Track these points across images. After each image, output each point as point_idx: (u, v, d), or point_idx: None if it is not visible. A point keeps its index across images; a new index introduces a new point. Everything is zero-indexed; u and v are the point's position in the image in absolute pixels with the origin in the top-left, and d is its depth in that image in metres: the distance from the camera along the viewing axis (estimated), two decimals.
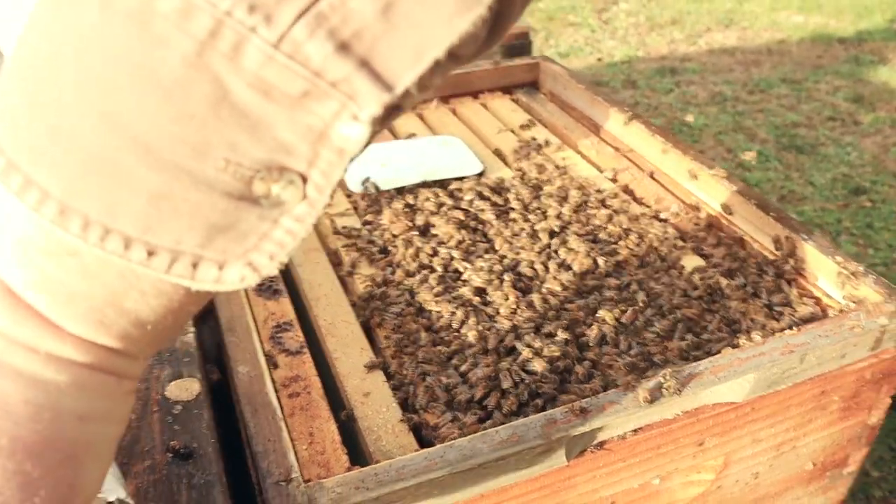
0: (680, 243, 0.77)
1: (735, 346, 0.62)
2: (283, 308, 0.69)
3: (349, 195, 0.86)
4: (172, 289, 0.25)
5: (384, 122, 0.23)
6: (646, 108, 2.50)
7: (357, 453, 0.55)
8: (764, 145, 2.31)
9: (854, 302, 0.67)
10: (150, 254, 0.23)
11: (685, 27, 3.36)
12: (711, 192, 0.83)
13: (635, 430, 0.55)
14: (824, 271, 0.71)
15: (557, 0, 3.61)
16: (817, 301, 0.70)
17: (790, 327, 0.65)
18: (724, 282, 0.71)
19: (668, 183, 0.88)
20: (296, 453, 0.51)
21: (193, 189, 0.23)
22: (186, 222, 0.23)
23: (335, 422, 0.56)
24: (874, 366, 0.66)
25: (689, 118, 2.49)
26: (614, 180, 0.89)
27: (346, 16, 0.21)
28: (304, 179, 0.23)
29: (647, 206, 0.84)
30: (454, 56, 0.23)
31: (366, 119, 0.22)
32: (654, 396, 0.54)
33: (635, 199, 0.86)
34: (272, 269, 0.24)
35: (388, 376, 0.62)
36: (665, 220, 0.81)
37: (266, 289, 0.71)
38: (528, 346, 0.62)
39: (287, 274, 0.75)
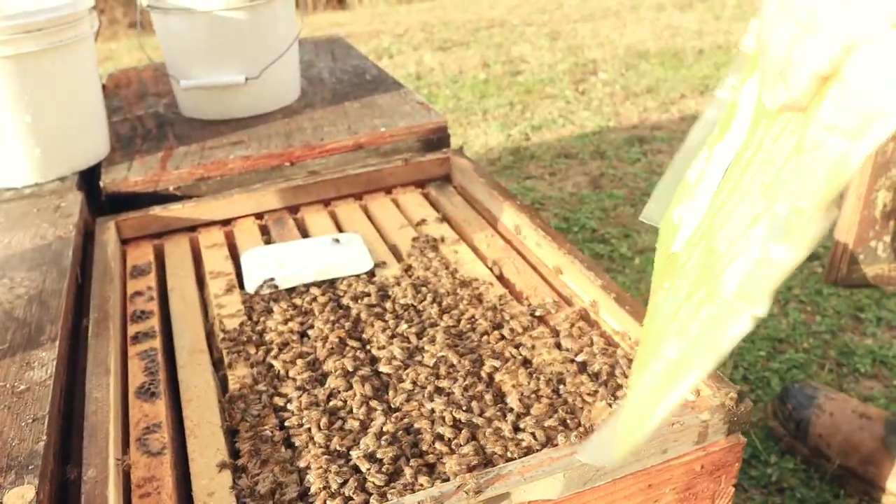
0: (543, 337, 0.82)
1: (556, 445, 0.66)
2: (157, 410, 0.74)
3: (245, 296, 0.92)
4: None
5: None
6: (611, 179, 2.57)
7: None
8: None
9: (691, 399, 0.71)
10: None
11: (660, 95, 3.45)
12: (580, 285, 0.88)
13: None
14: None
15: (538, 73, 3.73)
16: None
17: None
18: (570, 377, 0.75)
19: (549, 274, 0.93)
20: None
21: None
22: None
23: None
24: (703, 458, 0.69)
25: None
26: (499, 275, 0.95)
27: None
28: None
29: (524, 300, 0.89)
30: None
31: None
32: (451, 501, 0.58)
33: (513, 293, 0.91)
34: None
35: (243, 471, 0.67)
36: (536, 315, 0.86)
37: (145, 391, 0.76)
38: (366, 445, 0.67)
39: (174, 374, 0.80)
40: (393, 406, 0.73)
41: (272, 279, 0.92)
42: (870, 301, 1.83)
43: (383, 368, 0.77)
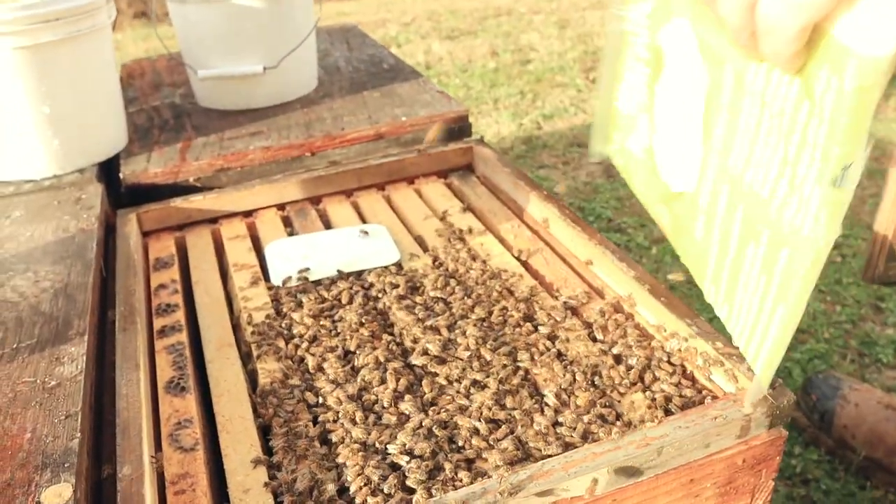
0: (576, 329, 0.81)
1: (596, 440, 0.65)
2: (187, 405, 0.73)
3: (270, 289, 0.90)
4: None
5: None
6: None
7: None
8: None
9: (731, 391, 0.70)
10: None
11: None
12: (613, 277, 0.86)
13: None
14: (705, 357, 0.74)
15: (547, 62, 3.70)
16: (697, 386, 0.73)
17: (667, 413, 0.68)
18: (606, 370, 0.74)
19: (578, 266, 0.92)
20: None
21: None
22: None
23: None
24: (745, 452, 0.68)
25: None
26: (526, 265, 0.93)
27: None
28: None
29: (554, 291, 0.88)
30: None
31: None
32: (494, 497, 0.57)
33: (543, 284, 0.90)
34: None
35: (278, 468, 0.66)
36: (569, 307, 0.85)
37: (174, 386, 0.75)
38: (403, 440, 0.66)
39: (203, 369, 0.79)
40: (428, 400, 0.72)
41: (307, 268, 0.91)
42: (890, 291, 1.81)
43: (416, 361, 0.76)
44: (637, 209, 2.25)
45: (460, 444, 0.67)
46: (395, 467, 0.64)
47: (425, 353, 0.77)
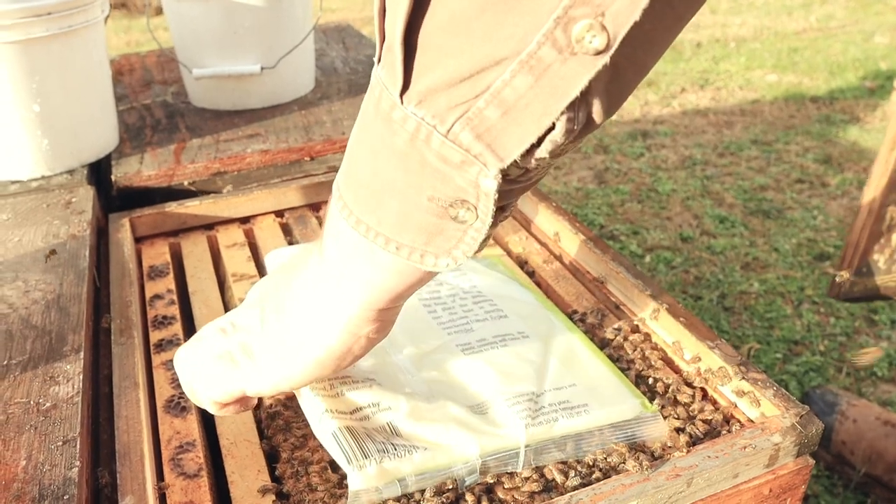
0: None
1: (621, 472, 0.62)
2: (189, 427, 0.69)
3: None
4: (411, 270, 0.45)
5: (517, 180, 0.41)
6: (616, 174, 2.53)
7: None
8: (731, 210, 2.33)
9: (754, 417, 0.68)
10: (398, 248, 0.43)
11: (660, 89, 3.42)
12: (628, 294, 0.84)
13: None
14: (728, 381, 0.71)
15: None
16: (721, 411, 0.71)
17: (691, 443, 0.65)
18: None
19: (591, 282, 0.89)
20: None
21: (418, 211, 0.41)
22: (415, 230, 0.42)
23: None
24: (771, 482, 0.66)
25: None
26: (537, 282, 0.90)
27: (482, 119, 0.37)
28: (476, 208, 0.40)
29: (567, 309, 0.85)
30: (554, 142, 0.37)
31: (492, 175, 0.38)
32: None
33: (555, 302, 0.87)
34: (464, 260, 0.43)
35: (286, 498, 0.62)
36: (581, 320, 0.82)
37: (174, 406, 0.71)
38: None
39: None
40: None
41: None
42: (883, 303, 1.81)
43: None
44: (630, 216, 2.24)
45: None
46: (409, 496, 0.61)
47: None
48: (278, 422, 0.69)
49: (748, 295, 1.89)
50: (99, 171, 1.12)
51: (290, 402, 0.72)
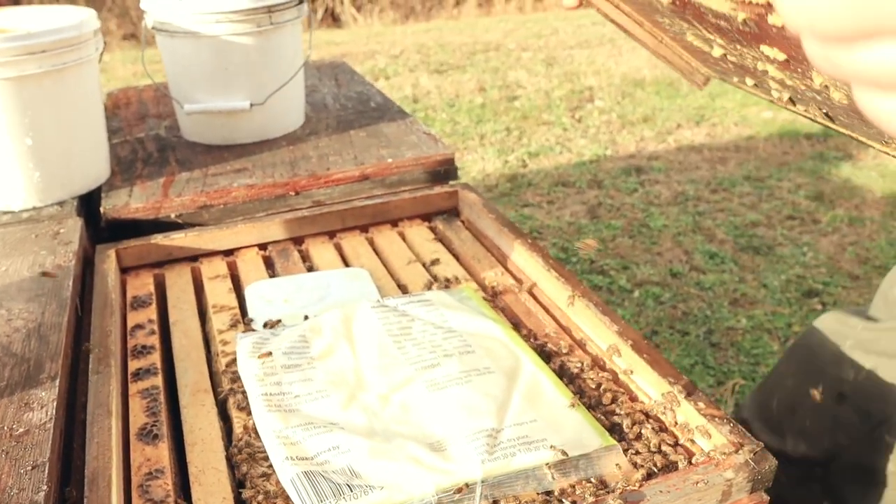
0: None
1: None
2: (159, 454, 0.71)
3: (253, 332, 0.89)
4: None
5: None
6: (608, 209, 2.56)
7: None
8: (722, 246, 2.35)
9: (709, 452, 0.69)
10: None
11: (656, 124, 3.46)
12: (595, 330, 0.86)
13: None
14: (687, 418, 0.73)
15: (534, 99, 3.74)
16: (678, 447, 0.72)
17: (647, 477, 0.67)
18: None
19: (561, 317, 0.91)
20: None
21: None
22: None
23: None
24: None
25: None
26: (507, 314, 0.93)
27: None
28: None
29: (534, 343, 0.87)
30: None
31: None
32: None
33: (524, 336, 0.89)
34: None
35: None
36: (548, 354, 0.84)
37: (147, 433, 0.73)
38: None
39: (177, 416, 0.77)
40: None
41: (277, 316, 0.89)
42: None
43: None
44: (620, 251, 2.27)
45: None
46: None
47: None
48: (245, 452, 0.71)
49: (735, 331, 1.90)
50: (89, 203, 1.15)
51: (257, 434, 0.74)
